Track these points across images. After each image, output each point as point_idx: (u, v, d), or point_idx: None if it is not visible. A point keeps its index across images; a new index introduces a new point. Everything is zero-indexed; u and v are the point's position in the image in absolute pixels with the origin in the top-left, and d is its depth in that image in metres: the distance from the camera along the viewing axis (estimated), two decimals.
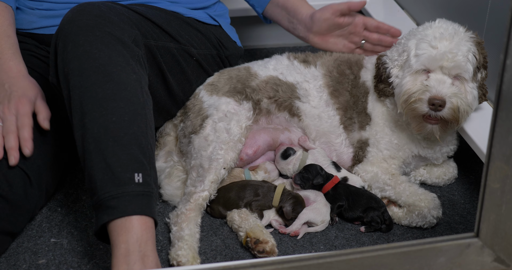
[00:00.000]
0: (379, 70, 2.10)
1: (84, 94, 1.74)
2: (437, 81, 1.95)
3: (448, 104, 1.93)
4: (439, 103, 1.92)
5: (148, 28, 2.03)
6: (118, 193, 1.66)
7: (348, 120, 2.19)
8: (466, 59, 1.94)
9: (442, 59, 1.94)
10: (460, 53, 1.93)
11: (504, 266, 1.22)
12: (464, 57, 1.94)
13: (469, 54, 1.95)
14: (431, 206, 2.01)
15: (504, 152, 1.14)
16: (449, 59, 1.93)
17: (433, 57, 1.95)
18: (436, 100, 1.93)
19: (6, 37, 2.04)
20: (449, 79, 1.95)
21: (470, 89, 1.97)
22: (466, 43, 1.96)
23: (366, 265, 1.16)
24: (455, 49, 1.94)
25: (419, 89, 1.96)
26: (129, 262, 1.62)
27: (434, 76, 1.96)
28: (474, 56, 1.96)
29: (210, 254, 1.93)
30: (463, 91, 1.95)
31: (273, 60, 2.30)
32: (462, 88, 1.96)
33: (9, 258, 1.89)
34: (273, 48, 3.24)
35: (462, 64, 1.93)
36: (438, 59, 1.94)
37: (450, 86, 1.94)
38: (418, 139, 2.12)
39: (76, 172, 2.27)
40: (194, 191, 2.01)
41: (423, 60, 1.96)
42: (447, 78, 1.95)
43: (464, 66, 1.94)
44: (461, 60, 1.93)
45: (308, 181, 2.10)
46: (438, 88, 1.93)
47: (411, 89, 1.97)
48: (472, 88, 1.97)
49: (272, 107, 2.22)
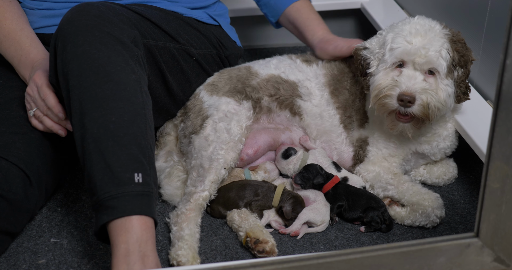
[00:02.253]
0: (360, 65, 2.09)
1: (84, 94, 1.74)
2: (408, 77, 1.94)
3: (418, 101, 1.91)
4: (408, 99, 1.91)
5: (148, 28, 2.03)
6: (118, 193, 1.66)
7: (347, 119, 2.20)
8: (438, 54, 1.92)
9: (415, 54, 1.93)
10: (432, 48, 1.92)
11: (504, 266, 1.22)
12: (436, 53, 1.92)
13: (442, 50, 1.93)
14: (434, 205, 2.01)
15: (504, 152, 1.14)
16: (422, 55, 1.92)
17: (407, 51, 1.94)
18: (405, 96, 1.92)
19: (19, 30, 2.06)
20: (421, 75, 1.94)
21: (444, 86, 1.95)
22: (440, 39, 1.94)
23: (366, 265, 1.16)
24: (428, 44, 1.93)
25: (389, 84, 1.95)
26: (129, 262, 1.62)
27: (406, 71, 1.95)
28: (448, 53, 1.94)
29: (210, 254, 1.93)
30: (434, 88, 1.94)
31: (275, 59, 2.30)
32: (434, 84, 1.95)
33: (9, 258, 1.89)
34: (273, 48, 3.24)
35: (434, 59, 1.92)
36: (411, 53, 1.93)
37: (420, 82, 1.93)
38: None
39: (76, 172, 2.27)
40: (194, 191, 2.01)
41: (397, 54, 1.95)
42: (418, 74, 1.94)
43: (436, 61, 1.92)
44: (433, 55, 1.92)
45: (308, 181, 2.10)
46: (408, 84, 1.92)
47: (382, 84, 1.97)
48: (446, 85, 1.95)
49: (273, 105, 2.22)
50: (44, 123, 1.99)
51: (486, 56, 2.06)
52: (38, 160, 1.95)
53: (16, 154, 1.90)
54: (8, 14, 2.09)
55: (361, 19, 3.27)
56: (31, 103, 1.99)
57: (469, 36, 2.04)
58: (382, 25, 2.76)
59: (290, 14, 2.41)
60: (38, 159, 1.95)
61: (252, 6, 3.15)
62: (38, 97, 1.96)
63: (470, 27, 2.08)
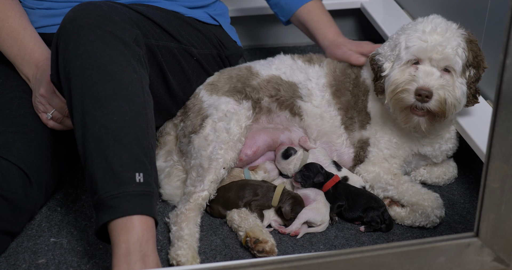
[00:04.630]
0: (374, 70, 2.10)
1: (85, 93, 1.74)
2: (425, 73, 1.94)
3: (435, 96, 1.92)
4: (425, 94, 1.92)
5: (149, 27, 2.03)
6: (119, 192, 1.66)
7: (349, 120, 2.19)
8: (455, 52, 1.93)
9: (432, 51, 1.94)
10: (449, 46, 1.93)
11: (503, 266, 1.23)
12: (453, 50, 1.93)
13: (458, 49, 1.94)
14: (434, 205, 2.01)
15: (504, 151, 1.14)
16: (438, 51, 1.93)
17: (424, 48, 1.95)
18: (423, 91, 1.92)
19: (22, 29, 2.07)
20: (437, 72, 1.95)
21: (459, 84, 1.96)
22: (456, 38, 1.96)
23: (366, 264, 1.16)
24: (445, 42, 1.94)
25: (406, 79, 1.96)
26: (130, 262, 1.61)
27: (422, 67, 1.96)
28: (464, 52, 1.95)
29: (209, 254, 1.93)
30: (451, 84, 1.95)
31: (276, 60, 2.30)
32: (451, 81, 1.95)
33: (9, 258, 1.89)
34: (273, 47, 3.24)
35: (451, 57, 1.93)
36: (428, 50, 1.94)
37: (438, 78, 1.94)
38: (417, 137, 2.13)
39: (76, 172, 2.27)
40: (194, 190, 2.01)
41: (413, 51, 1.96)
42: (435, 70, 1.95)
43: (453, 59, 1.93)
44: (450, 52, 1.93)
45: (309, 179, 2.10)
46: (425, 79, 1.93)
47: (399, 79, 1.97)
48: (461, 83, 1.96)
49: (273, 106, 2.22)
50: (66, 124, 2.01)
51: (486, 56, 2.06)
52: (38, 159, 1.95)
53: (16, 154, 1.90)
54: (11, 13, 2.10)
55: (361, 19, 3.27)
56: (46, 106, 2.00)
57: None
58: (382, 25, 2.76)
59: (300, 15, 2.41)
60: (38, 159, 1.95)
61: (252, 6, 3.16)
62: (54, 97, 1.97)
63: (470, 27, 2.08)
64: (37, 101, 2.01)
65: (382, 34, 2.75)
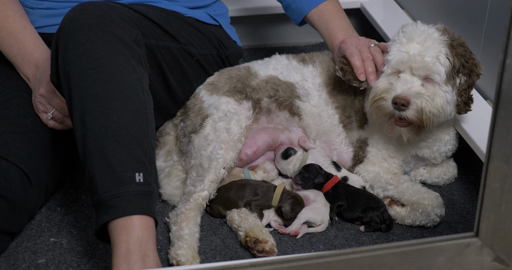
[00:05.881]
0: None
1: (85, 93, 1.74)
2: (404, 81, 1.94)
3: (412, 105, 1.91)
4: (401, 102, 1.91)
5: (149, 27, 2.03)
6: (119, 192, 1.66)
7: (347, 119, 2.20)
8: (435, 60, 1.91)
9: (409, 60, 1.93)
10: (428, 54, 1.91)
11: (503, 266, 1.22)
12: (433, 59, 1.91)
13: (440, 56, 1.92)
14: (434, 204, 2.01)
15: (504, 151, 1.14)
16: (417, 61, 1.92)
17: (401, 59, 1.94)
18: (399, 99, 1.91)
19: (22, 29, 2.07)
20: (418, 81, 1.94)
21: (442, 93, 1.93)
22: (437, 45, 1.93)
23: (366, 264, 1.16)
24: (424, 51, 1.92)
25: (385, 87, 1.96)
26: (130, 262, 1.61)
27: (403, 76, 1.95)
28: (448, 59, 1.93)
29: (209, 254, 1.93)
30: (431, 93, 1.93)
31: (273, 60, 2.30)
32: (432, 90, 1.94)
33: (9, 258, 1.89)
34: (273, 48, 3.24)
35: (430, 65, 1.91)
36: (405, 61, 1.93)
37: (417, 87, 1.93)
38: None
39: (76, 172, 2.27)
40: (194, 190, 2.01)
41: (393, 64, 1.96)
42: (416, 79, 1.94)
43: (432, 67, 1.91)
44: (429, 61, 1.91)
45: (309, 181, 2.10)
46: (403, 88, 1.92)
47: (379, 87, 1.97)
48: (445, 91, 1.93)
49: (272, 106, 2.22)
50: (66, 124, 2.00)
51: (486, 56, 2.06)
52: (38, 159, 1.95)
53: (16, 154, 1.90)
54: (11, 13, 2.10)
55: (360, 19, 3.27)
56: (46, 106, 2.00)
57: (469, 36, 2.04)
58: (382, 25, 2.76)
59: (312, 18, 2.28)
60: (37, 159, 1.95)
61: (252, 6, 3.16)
62: (54, 97, 1.97)
63: (470, 27, 2.08)
64: (37, 101, 2.01)
65: (382, 34, 2.75)
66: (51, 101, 2.00)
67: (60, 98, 1.98)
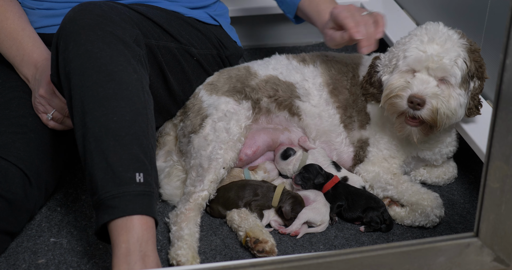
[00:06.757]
0: (370, 71, 2.10)
1: (85, 93, 1.74)
2: (421, 80, 1.94)
3: (427, 105, 1.91)
4: (417, 102, 1.91)
5: (149, 27, 2.03)
6: (119, 192, 1.66)
7: (348, 119, 2.19)
8: (453, 63, 1.91)
9: (427, 60, 1.93)
10: (447, 57, 1.91)
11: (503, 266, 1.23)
12: (451, 61, 1.91)
13: (458, 59, 1.92)
14: (434, 205, 2.01)
15: (504, 151, 1.14)
16: (435, 61, 1.92)
17: (420, 58, 1.94)
18: (415, 98, 1.92)
19: (21, 30, 2.07)
20: (434, 81, 1.94)
21: (456, 95, 1.94)
22: (457, 48, 1.94)
23: (366, 264, 1.16)
24: (443, 53, 1.92)
25: (401, 85, 1.96)
26: (130, 262, 1.62)
27: (419, 75, 1.95)
28: (465, 63, 1.94)
29: (209, 254, 1.93)
30: (446, 95, 1.93)
31: (273, 60, 2.30)
32: (447, 92, 1.94)
33: (9, 258, 1.89)
34: (273, 48, 3.24)
35: (448, 68, 1.91)
36: (423, 60, 1.93)
37: (433, 87, 1.93)
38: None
39: (76, 172, 2.27)
40: (194, 190, 2.01)
41: (410, 61, 1.96)
42: (432, 79, 1.94)
43: (450, 69, 1.91)
44: (447, 63, 1.91)
45: (309, 181, 2.10)
46: (419, 87, 1.93)
47: (394, 84, 1.97)
48: (458, 94, 1.94)
49: (272, 106, 2.22)
50: (67, 124, 2.01)
51: (486, 56, 2.06)
52: (38, 159, 1.95)
53: (16, 154, 1.90)
54: (9, 14, 2.10)
55: None
56: (46, 106, 2.00)
57: (469, 36, 2.04)
58: None
59: (303, 5, 2.29)
60: (37, 159, 1.95)
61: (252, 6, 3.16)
62: (54, 97, 1.97)
63: (470, 27, 2.08)
64: (36, 102, 2.01)
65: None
66: (51, 101, 2.00)
67: (60, 98, 1.98)
